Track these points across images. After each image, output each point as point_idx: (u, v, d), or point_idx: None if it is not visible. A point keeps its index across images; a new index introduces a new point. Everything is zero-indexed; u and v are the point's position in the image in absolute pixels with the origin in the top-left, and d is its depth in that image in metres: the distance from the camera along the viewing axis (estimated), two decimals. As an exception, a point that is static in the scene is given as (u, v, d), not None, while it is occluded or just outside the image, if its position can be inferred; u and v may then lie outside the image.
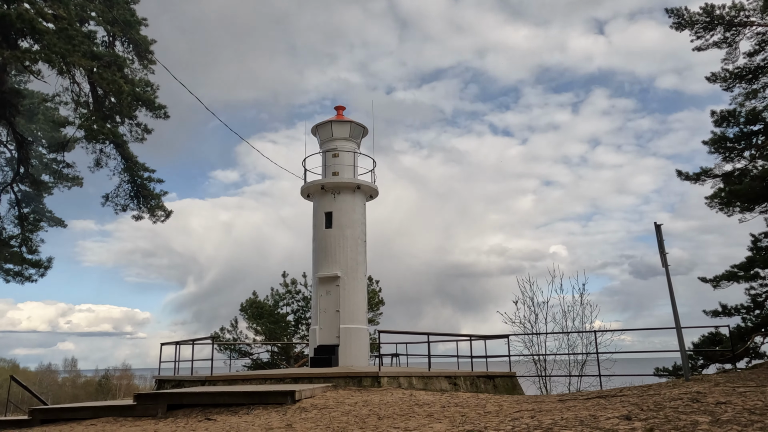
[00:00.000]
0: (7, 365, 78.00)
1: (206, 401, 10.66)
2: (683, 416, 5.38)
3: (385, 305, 24.96)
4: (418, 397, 10.73)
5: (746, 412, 5.30)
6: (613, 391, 9.59)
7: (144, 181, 12.46)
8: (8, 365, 78.17)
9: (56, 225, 18.59)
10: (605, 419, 5.63)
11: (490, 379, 13.89)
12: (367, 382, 12.29)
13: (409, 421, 7.04)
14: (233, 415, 9.71)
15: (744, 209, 14.26)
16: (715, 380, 8.86)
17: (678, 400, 6.91)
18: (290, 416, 8.82)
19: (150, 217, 12.81)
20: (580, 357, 13.93)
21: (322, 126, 18.17)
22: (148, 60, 11.87)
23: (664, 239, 10.25)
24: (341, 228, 17.04)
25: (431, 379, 12.92)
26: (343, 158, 17.72)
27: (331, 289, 16.62)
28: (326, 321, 16.46)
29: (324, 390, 11.56)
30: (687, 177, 13.77)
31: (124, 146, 11.98)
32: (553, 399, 9.22)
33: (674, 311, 9.63)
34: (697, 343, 14.21)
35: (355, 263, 16.90)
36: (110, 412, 10.97)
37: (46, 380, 75.11)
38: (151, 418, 10.53)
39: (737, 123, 12.73)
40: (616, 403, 7.57)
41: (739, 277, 14.11)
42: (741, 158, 13.13)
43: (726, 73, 14.52)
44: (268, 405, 10.23)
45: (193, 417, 10.07)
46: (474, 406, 8.86)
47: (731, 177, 13.38)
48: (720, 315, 14.16)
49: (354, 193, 17.40)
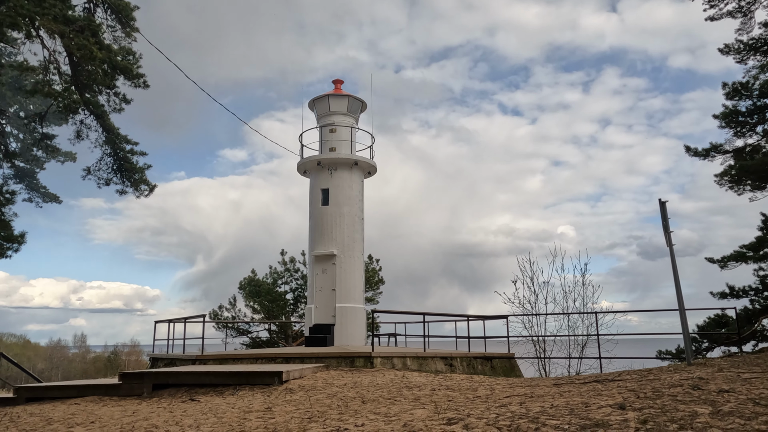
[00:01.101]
0: (19, 340, 79.07)
1: (192, 381, 10.40)
2: (681, 406, 4.97)
3: (385, 284, 24.64)
4: (410, 378, 10.40)
5: (750, 402, 4.88)
6: (611, 374, 9.20)
7: (126, 153, 12.00)
8: (20, 340, 79.25)
9: (51, 201, 18.29)
10: (597, 408, 5.23)
11: (487, 360, 13.56)
12: (360, 362, 11.98)
13: (393, 406, 6.69)
14: (218, 396, 9.43)
15: (755, 187, 13.68)
16: (719, 365, 8.44)
17: (678, 387, 6.51)
18: (274, 398, 8.51)
19: (134, 192, 12.42)
20: (580, 338, 13.55)
21: (320, 100, 17.65)
22: (131, 27, 11.30)
23: (669, 218, 9.76)
24: (338, 205, 16.63)
25: (426, 360, 12.60)
26: (341, 133, 17.24)
27: (328, 267, 16.27)
28: (322, 300, 16.14)
29: (315, 371, 11.27)
30: (696, 153, 13.17)
31: (105, 117, 11.50)
32: (548, 383, 8.85)
33: (678, 292, 9.18)
34: (703, 326, 13.77)
35: (352, 241, 16.52)
36: (96, 391, 10.76)
37: (56, 356, 76.12)
38: (137, 397, 10.30)
39: (750, 96, 12.07)
40: (612, 388, 7.18)
41: (747, 258, 13.59)
42: (753, 133, 12.50)
43: (740, 45, 13.80)
44: (255, 386, 9.96)
45: (178, 397, 9.81)
46: (465, 390, 8.50)
47: (742, 153, 12.76)
48: (727, 297, 13.69)
49: (351, 170, 16.94)
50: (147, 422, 6.86)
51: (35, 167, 16.93)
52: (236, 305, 22.57)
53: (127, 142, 12.00)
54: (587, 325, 13.68)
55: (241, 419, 6.55)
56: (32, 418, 8.16)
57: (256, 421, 6.28)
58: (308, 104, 18.08)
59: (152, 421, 6.95)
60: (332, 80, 18.23)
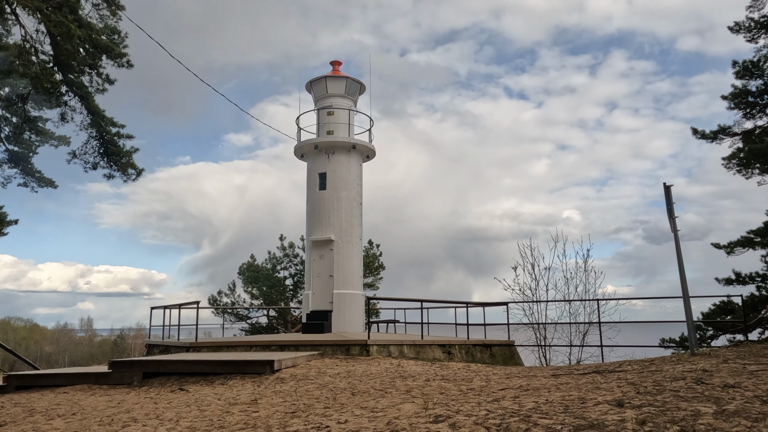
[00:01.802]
0: (26, 324, 79.59)
1: (182, 369, 10.19)
2: (683, 404, 4.67)
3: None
4: (406, 367, 10.15)
5: (757, 401, 4.57)
6: (611, 365, 8.91)
7: (113, 136, 11.66)
8: (27, 324, 79.75)
9: (46, 186, 18.03)
10: (594, 405, 4.94)
11: (486, 348, 13.30)
12: (356, 350, 11.73)
13: (382, 399, 6.42)
14: (208, 386, 9.21)
15: (764, 171, 13.24)
16: (724, 356, 8.13)
17: (680, 381, 6.21)
18: (263, 389, 8.28)
19: (121, 176, 12.11)
20: (582, 326, 13.25)
21: (317, 82, 17.24)
22: (116, 5, 10.89)
23: (675, 203, 9.39)
24: (335, 190, 16.30)
25: (424, 347, 12.34)
26: (338, 116, 16.84)
27: (325, 253, 15.99)
28: (319, 286, 15.89)
29: (309, 359, 11.04)
30: (703, 136, 12.73)
31: (89, 99, 11.16)
32: (546, 373, 8.57)
33: (682, 279, 8.84)
34: (707, 313, 13.43)
35: (350, 226, 16.21)
36: (85, 379, 10.57)
37: (63, 339, 76.64)
38: (126, 386, 10.10)
39: (761, 75, 11.59)
40: (612, 381, 6.89)
41: (755, 243, 13.19)
42: (763, 115, 12.04)
43: (751, 23, 13.26)
44: (246, 375, 9.73)
45: (168, 386, 9.60)
46: (460, 380, 8.23)
47: (751, 135, 12.32)
48: (733, 283, 13.32)
49: (349, 153, 16.57)
50: (128, 415, 6.62)
51: (28, 151, 16.64)
52: (235, 291, 22.43)
53: (113, 124, 11.65)
54: (589, 312, 13.38)
55: (224, 413, 6.30)
56: (15, 409, 7.95)
57: (238, 415, 6.03)
58: (305, 86, 17.68)
59: (134, 413, 6.72)
60: (330, 61, 17.80)
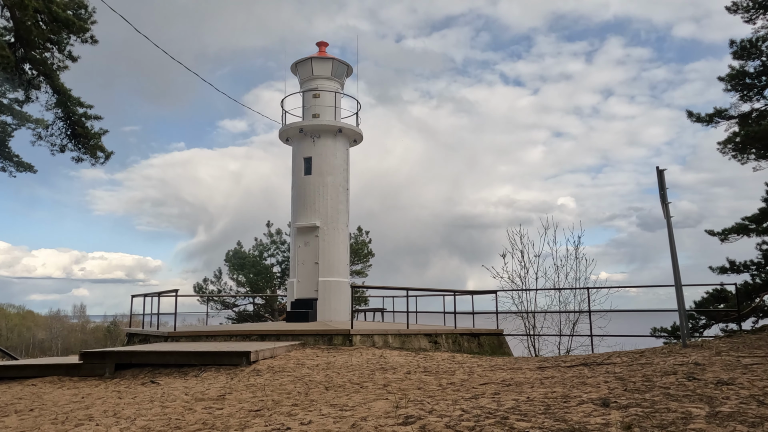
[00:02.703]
0: (19, 311, 78.96)
1: (156, 361, 9.80)
2: (673, 404, 4.30)
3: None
4: (388, 358, 9.79)
5: (753, 401, 4.20)
6: (600, 356, 8.57)
7: (80, 117, 11.13)
8: (19, 311, 79.14)
9: (25, 170, 17.49)
10: (577, 404, 4.57)
11: (474, 337, 12.96)
12: (339, 340, 11.37)
13: (356, 395, 6.05)
14: (180, 378, 8.82)
15: (759, 156, 12.87)
16: (717, 347, 7.79)
17: (671, 376, 5.86)
18: (236, 382, 7.90)
19: (90, 159, 11.60)
20: (572, 315, 12.92)
21: (302, 63, 16.70)
22: (81, -23, 10.37)
23: (668, 188, 9.00)
24: (321, 175, 15.84)
25: (409, 337, 11.99)
26: (324, 99, 16.34)
27: (310, 239, 15.58)
28: (305, 273, 15.50)
29: (289, 349, 10.66)
30: (699, 119, 12.31)
31: (54, 77, 10.60)
32: (532, 365, 8.23)
33: (674, 267, 8.48)
34: (700, 301, 13.12)
35: (336, 212, 15.79)
36: (56, 370, 10.16)
37: (55, 326, 76.16)
38: (98, 378, 9.71)
39: (759, 56, 11.17)
40: (599, 375, 6.54)
41: (750, 231, 12.86)
42: (761, 97, 11.63)
43: (749, 2, 12.82)
44: (222, 366, 9.35)
45: (139, 378, 9.21)
46: (442, 373, 7.88)
47: (748, 119, 11.92)
48: (727, 272, 13.00)
49: (335, 137, 16.09)
50: (85, 412, 6.23)
51: (3, 135, 16.08)
52: (221, 278, 22.00)
53: (80, 105, 11.10)
54: (579, 300, 13.06)
55: (187, 410, 5.92)
56: (-27, 404, 7.54)
57: (200, 413, 5.64)
58: (291, 68, 17.14)
59: (92, 410, 6.33)
60: (316, 42, 17.25)
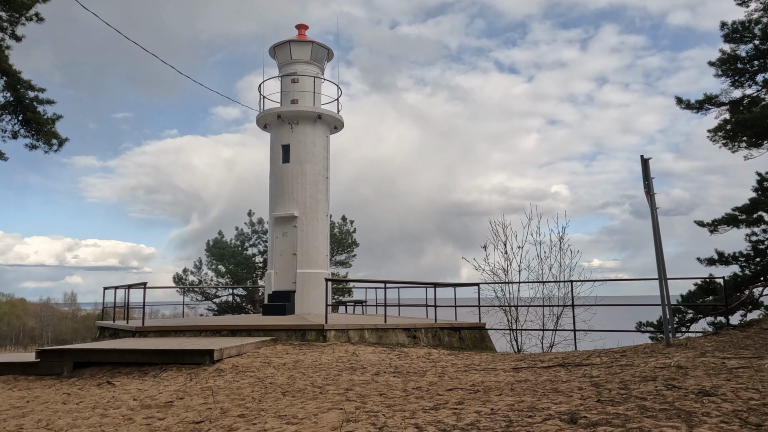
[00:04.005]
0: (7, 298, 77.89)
1: (116, 360, 9.32)
2: (648, 421, 3.85)
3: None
4: (361, 356, 9.35)
5: (736, 419, 3.75)
6: (580, 355, 8.15)
7: (31, 101, 10.50)
8: (8, 298, 78.07)
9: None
10: (542, 420, 4.12)
11: (455, 331, 12.54)
12: (312, 336, 10.92)
13: (312, 402, 5.59)
14: (138, 379, 8.35)
15: (751, 144, 12.42)
16: (702, 347, 7.37)
17: (650, 382, 5.43)
18: (193, 384, 7.43)
19: (44, 147, 11.01)
20: (555, 309, 12.51)
21: (280, 47, 16.08)
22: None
23: (653, 177, 8.54)
24: (299, 163, 15.29)
25: (387, 332, 11.55)
26: (303, 84, 15.75)
27: (288, 230, 15.07)
28: (282, 265, 15.01)
29: (258, 346, 10.20)
30: (688, 106, 11.84)
31: (1, 57, 9.95)
32: (508, 365, 7.80)
33: (659, 264, 8.03)
34: (687, 294, 12.72)
35: (315, 202, 15.26)
36: (12, 369, 9.66)
37: (45, 314, 75.33)
38: (55, 377, 9.23)
39: (751, 39, 10.67)
40: (574, 379, 6.11)
41: (740, 221, 12.44)
42: (753, 83, 11.15)
43: (742, -17, 12.27)
44: (184, 365, 8.88)
45: (97, 378, 8.74)
46: (413, 374, 7.44)
47: (740, 105, 11.45)
48: (716, 263, 12.60)
49: (315, 124, 15.53)
50: (17, 422, 5.74)
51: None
52: (202, 269, 21.46)
53: (31, 88, 10.42)
54: (564, 293, 12.65)
55: (126, 419, 5.45)
56: None
57: (138, 425, 5.17)
58: (269, 51, 16.51)
59: (25, 420, 5.84)
60: (295, 25, 16.60)
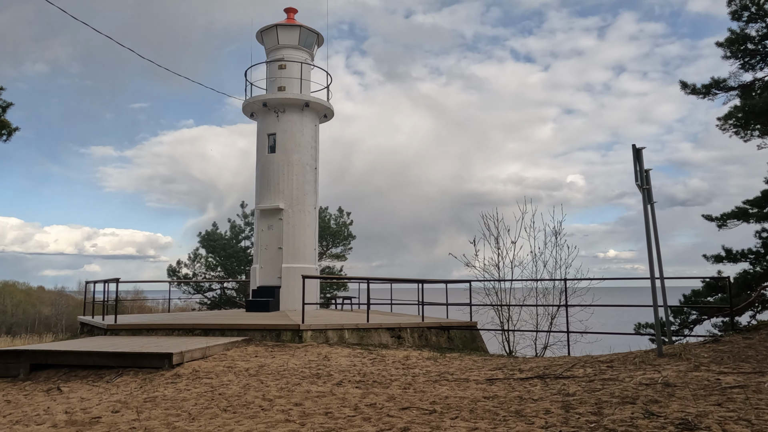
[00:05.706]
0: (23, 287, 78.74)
1: (73, 362, 8.82)
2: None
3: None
4: (332, 360, 8.74)
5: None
6: (563, 364, 7.46)
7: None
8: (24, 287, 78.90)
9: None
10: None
11: (444, 331, 11.89)
12: (287, 336, 10.34)
13: (248, 422, 5.00)
14: (89, 384, 7.83)
15: (764, 133, 11.51)
16: (697, 358, 6.65)
17: (628, 405, 4.75)
18: (141, 392, 6.88)
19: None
20: (550, 309, 11.79)
21: (267, 31, 15.40)
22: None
23: (650, 169, 7.79)
24: (286, 153, 14.66)
25: (369, 332, 10.93)
26: (291, 70, 15.07)
27: (274, 223, 14.48)
28: (267, 259, 14.43)
29: (228, 347, 9.63)
30: (694, 91, 10.93)
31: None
32: (483, 375, 7.13)
33: (650, 263, 7.29)
34: (692, 294, 11.92)
35: (302, 194, 14.64)
36: (-30, 370, 9.21)
37: (60, 302, 76.05)
38: (11, 379, 8.77)
39: (763, 17, 9.75)
40: (547, 397, 5.44)
41: (750, 216, 11.57)
42: (765, 65, 10.22)
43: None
44: (141, 369, 8.34)
45: (49, 383, 8.24)
46: (379, 384, 6.81)
47: (751, 90, 10.54)
48: (723, 260, 11.75)
49: (302, 112, 14.86)
50: (-74, 439, 5.21)
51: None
52: (195, 261, 21.00)
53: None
54: (560, 291, 11.91)
55: (40, 440, 4.89)
56: None
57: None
58: (256, 36, 15.84)
59: (-62, 436, 5.31)
60: (284, 8, 15.89)
